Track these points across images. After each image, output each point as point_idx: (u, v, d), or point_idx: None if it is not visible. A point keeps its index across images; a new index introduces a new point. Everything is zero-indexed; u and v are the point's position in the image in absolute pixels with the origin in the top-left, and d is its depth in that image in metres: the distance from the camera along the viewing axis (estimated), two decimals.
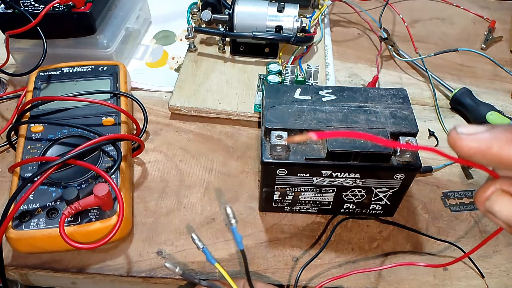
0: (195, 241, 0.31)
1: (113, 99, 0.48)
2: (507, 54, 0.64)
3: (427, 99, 0.57)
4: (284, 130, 0.37)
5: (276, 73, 0.53)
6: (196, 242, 0.30)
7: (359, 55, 0.63)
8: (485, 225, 0.43)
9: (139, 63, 0.61)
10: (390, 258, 0.41)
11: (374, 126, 0.37)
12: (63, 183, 0.40)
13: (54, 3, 0.48)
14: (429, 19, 0.71)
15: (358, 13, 0.68)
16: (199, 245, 0.30)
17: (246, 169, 0.47)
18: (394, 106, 0.39)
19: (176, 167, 0.47)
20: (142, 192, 0.45)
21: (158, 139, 0.50)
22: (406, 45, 0.63)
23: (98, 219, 0.38)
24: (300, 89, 0.41)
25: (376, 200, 0.41)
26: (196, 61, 0.58)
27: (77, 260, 0.39)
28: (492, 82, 0.60)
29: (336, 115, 0.38)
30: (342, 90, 0.41)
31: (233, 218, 0.29)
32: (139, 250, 0.40)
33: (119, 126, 0.45)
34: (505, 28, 0.69)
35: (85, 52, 0.54)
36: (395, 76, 0.60)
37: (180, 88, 0.54)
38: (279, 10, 0.55)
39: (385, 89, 0.41)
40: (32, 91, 0.48)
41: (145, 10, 0.66)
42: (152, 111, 0.53)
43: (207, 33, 0.57)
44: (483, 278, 0.39)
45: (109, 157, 0.42)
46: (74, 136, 0.44)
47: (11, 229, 0.37)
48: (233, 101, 0.52)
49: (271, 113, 0.38)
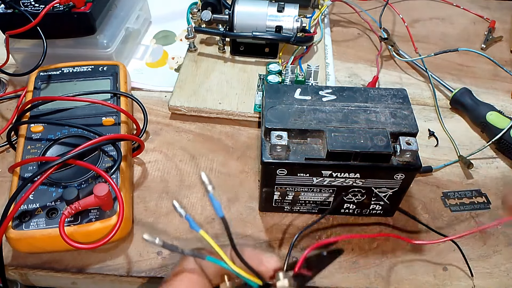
0: (177, 209, 0.27)
1: (113, 99, 0.48)
2: (507, 54, 0.64)
3: (427, 99, 0.57)
4: (284, 130, 0.37)
5: (276, 73, 0.53)
6: (178, 210, 0.27)
7: (359, 55, 0.63)
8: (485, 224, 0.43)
9: (139, 63, 0.61)
10: (390, 258, 0.41)
11: (374, 126, 0.37)
12: (63, 183, 0.40)
13: (54, 3, 0.48)
14: (429, 19, 0.71)
15: (358, 13, 0.68)
16: (181, 213, 0.27)
17: (246, 169, 0.47)
18: (394, 106, 0.39)
19: (176, 167, 0.47)
20: (142, 192, 0.45)
21: (158, 139, 0.50)
22: (406, 45, 0.63)
23: (98, 219, 0.38)
24: (300, 89, 0.41)
25: (376, 200, 0.41)
26: (196, 61, 0.58)
27: (77, 260, 0.39)
28: (492, 82, 0.60)
29: (336, 115, 0.38)
30: (342, 90, 0.41)
31: (209, 184, 0.26)
32: (139, 250, 0.40)
33: (119, 126, 0.45)
34: (505, 28, 0.69)
35: (85, 52, 0.54)
36: (395, 76, 0.60)
37: (180, 88, 0.54)
38: (279, 10, 0.55)
39: (385, 89, 0.41)
40: (32, 91, 0.48)
41: (145, 10, 0.66)
42: (152, 111, 0.53)
43: (207, 33, 0.57)
44: (472, 277, 0.39)
45: (109, 157, 0.42)
46: (74, 136, 0.44)
47: (11, 229, 0.37)
48: (233, 101, 0.52)
49: (271, 113, 0.38)
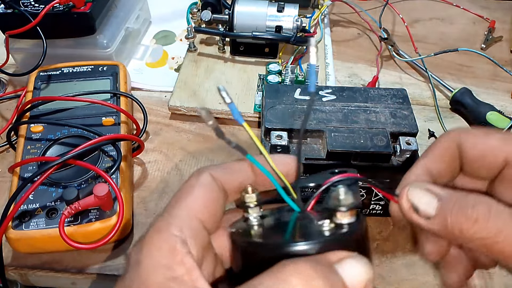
0: (221, 92, 0.23)
1: (113, 99, 0.48)
2: (507, 54, 0.64)
3: (427, 99, 0.57)
4: (284, 130, 0.37)
5: (276, 73, 0.53)
6: (223, 94, 0.23)
7: (359, 55, 0.63)
8: None
9: (139, 63, 0.61)
10: (390, 258, 0.41)
11: (374, 126, 0.37)
12: (63, 183, 0.40)
13: (54, 3, 0.48)
14: (429, 19, 0.71)
15: (358, 13, 0.68)
16: (226, 99, 0.24)
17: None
18: (394, 106, 0.39)
19: (176, 167, 0.47)
20: (142, 192, 0.45)
21: (158, 139, 0.50)
22: (406, 45, 0.63)
23: (98, 219, 0.38)
24: (300, 89, 0.41)
25: (376, 200, 0.41)
26: (196, 61, 0.58)
27: (77, 260, 0.39)
28: (492, 82, 0.60)
29: (336, 115, 0.38)
30: (342, 90, 0.41)
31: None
32: None
33: (119, 126, 0.45)
34: (505, 28, 0.69)
35: (85, 52, 0.54)
36: (395, 76, 0.60)
37: (180, 88, 0.54)
38: (279, 10, 0.55)
39: (385, 89, 0.41)
40: (32, 91, 0.48)
41: (145, 10, 0.66)
42: (152, 111, 0.53)
43: (207, 33, 0.57)
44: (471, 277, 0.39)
45: (109, 157, 0.42)
46: (74, 136, 0.44)
47: (11, 229, 0.37)
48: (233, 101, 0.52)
49: (271, 113, 0.38)
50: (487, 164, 0.25)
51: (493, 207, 0.21)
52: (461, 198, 0.22)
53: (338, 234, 0.21)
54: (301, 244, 0.20)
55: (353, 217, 0.21)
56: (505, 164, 0.25)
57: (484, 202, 0.22)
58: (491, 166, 0.25)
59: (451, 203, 0.22)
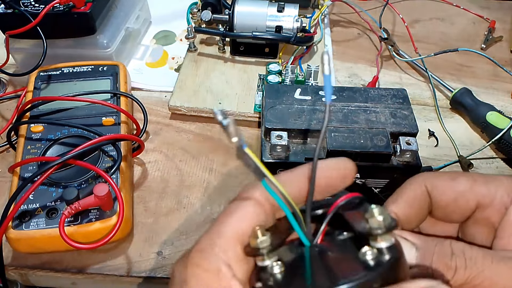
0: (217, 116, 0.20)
1: (113, 99, 0.48)
2: (507, 54, 0.64)
3: (427, 99, 0.57)
4: (284, 130, 0.37)
5: (276, 73, 0.53)
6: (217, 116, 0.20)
7: (359, 55, 0.63)
8: None
9: (139, 63, 0.61)
10: None
11: (374, 126, 0.37)
12: (63, 183, 0.40)
13: (54, 3, 0.48)
14: (429, 19, 0.71)
15: (358, 13, 0.68)
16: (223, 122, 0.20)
17: (246, 169, 0.47)
18: (394, 106, 0.40)
19: (176, 167, 0.47)
20: (142, 192, 0.45)
21: (158, 139, 0.50)
22: (406, 45, 0.63)
23: (98, 219, 0.38)
24: (300, 89, 0.41)
25: (376, 200, 0.41)
26: (196, 61, 0.58)
27: (77, 261, 0.39)
28: (492, 82, 0.60)
29: (336, 115, 0.38)
30: (342, 90, 0.41)
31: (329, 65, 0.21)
32: (139, 250, 0.40)
33: (119, 126, 0.45)
34: (505, 28, 0.69)
35: (85, 52, 0.54)
36: (395, 76, 0.60)
37: (180, 88, 0.54)
38: (279, 10, 0.55)
39: (385, 89, 0.42)
40: (32, 91, 0.48)
41: (145, 10, 0.66)
42: (152, 111, 0.53)
43: (207, 33, 0.57)
44: None
45: (109, 157, 0.42)
46: (74, 136, 0.44)
47: (11, 229, 0.37)
48: (233, 101, 0.52)
49: (271, 113, 0.38)
50: (459, 209, 0.25)
51: (468, 253, 0.22)
52: (438, 246, 0.22)
53: (389, 262, 0.19)
54: None
55: (392, 238, 0.20)
56: (477, 207, 0.25)
57: (460, 249, 0.22)
58: (463, 210, 0.25)
59: (430, 253, 0.22)
